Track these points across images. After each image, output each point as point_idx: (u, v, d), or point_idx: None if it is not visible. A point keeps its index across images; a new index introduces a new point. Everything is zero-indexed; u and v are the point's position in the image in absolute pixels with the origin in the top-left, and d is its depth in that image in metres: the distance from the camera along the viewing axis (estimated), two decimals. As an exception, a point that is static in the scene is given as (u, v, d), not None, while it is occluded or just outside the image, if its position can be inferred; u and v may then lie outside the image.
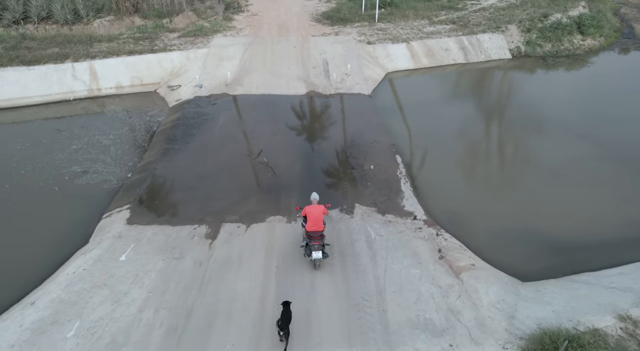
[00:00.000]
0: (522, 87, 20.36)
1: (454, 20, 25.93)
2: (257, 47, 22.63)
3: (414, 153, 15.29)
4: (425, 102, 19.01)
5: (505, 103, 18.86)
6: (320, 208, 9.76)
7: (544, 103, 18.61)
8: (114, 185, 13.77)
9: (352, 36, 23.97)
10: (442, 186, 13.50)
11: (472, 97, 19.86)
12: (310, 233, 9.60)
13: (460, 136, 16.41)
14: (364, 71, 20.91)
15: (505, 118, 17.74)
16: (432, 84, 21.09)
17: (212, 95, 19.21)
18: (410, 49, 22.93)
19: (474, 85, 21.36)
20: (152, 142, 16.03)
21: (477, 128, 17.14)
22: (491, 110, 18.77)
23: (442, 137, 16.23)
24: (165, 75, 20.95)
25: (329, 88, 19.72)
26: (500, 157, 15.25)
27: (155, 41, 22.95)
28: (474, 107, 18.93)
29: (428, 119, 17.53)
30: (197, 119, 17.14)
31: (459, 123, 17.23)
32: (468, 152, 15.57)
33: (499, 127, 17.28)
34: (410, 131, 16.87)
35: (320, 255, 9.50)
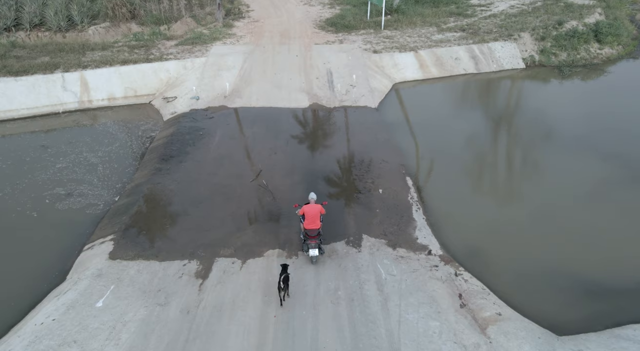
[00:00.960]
0: (539, 99, 19.00)
1: (464, 27, 24.62)
2: (258, 56, 21.37)
3: (425, 175, 13.96)
4: (436, 116, 17.68)
5: (523, 118, 17.48)
6: (317, 207, 10.02)
7: (565, 118, 17.26)
8: (99, 210, 12.50)
9: (357, 44, 22.69)
10: (458, 214, 12.16)
11: (486, 111, 18.54)
12: (307, 231, 9.95)
13: (477, 155, 15.08)
14: (370, 82, 19.61)
15: (525, 135, 16.36)
16: (442, 95, 19.76)
17: (210, 108, 17.94)
18: (419, 58, 21.63)
19: (488, 97, 20.04)
20: (144, 161, 14.76)
21: (494, 146, 15.81)
22: (508, 125, 17.42)
23: (456, 157, 14.90)
24: (160, 86, 19.71)
25: (333, 101, 18.44)
26: (524, 180, 13.85)
27: (151, 49, 21.72)
28: (489, 122, 17.61)
29: (440, 136, 16.19)
30: (192, 135, 15.86)
31: (474, 141, 15.90)
32: (486, 174, 14.25)
33: (520, 146, 15.91)
34: (421, 149, 15.54)
35: (317, 253, 9.90)
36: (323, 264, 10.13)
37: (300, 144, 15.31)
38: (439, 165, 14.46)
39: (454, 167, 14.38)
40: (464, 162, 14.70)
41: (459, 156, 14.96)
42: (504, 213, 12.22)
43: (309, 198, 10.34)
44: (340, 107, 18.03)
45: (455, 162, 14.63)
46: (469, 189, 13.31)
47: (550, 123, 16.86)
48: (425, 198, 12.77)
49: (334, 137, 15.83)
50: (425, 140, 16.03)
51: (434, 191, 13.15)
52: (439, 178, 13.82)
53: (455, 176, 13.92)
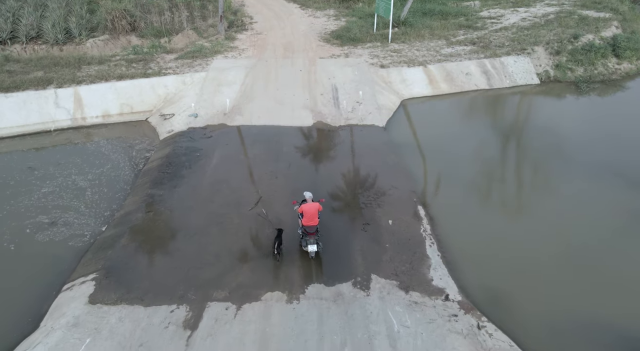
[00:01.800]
0: (557, 117, 17.76)
1: (474, 40, 23.53)
2: (260, 71, 20.34)
3: (439, 204, 12.75)
4: (448, 136, 16.51)
5: (543, 139, 16.17)
6: (315, 205, 10.26)
7: (588, 138, 16.04)
8: (84, 242, 11.39)
9: (364, 58, 21.63)
10: (477, 250, 10.94)
11: (501, 130, 17.35)
12: (306, 228, 10.14)
13: (494, 182, 13.89)
14: (378, 99, 18.51)
15: (547, 158, 15.10)
16: (453, 113, 18.61)
17: (208, 126, 16.88)
18: (428, 73, 20.52)
19: (502, 115, 18.87)
20: (136, 185, 13.67)
21: (513, 171, 14.62)
22: (527, 147, 16.19)
23: (472, 183, 13.70)
24: (158, 102, 18.69)
25: (338, 119, 17.33)
26: (554, 211, 12.54)
27: (150, 64, 20.75)
28: (506, 142, 16.44)
29: (453, 158, 15.00)
30: (188, 156, 14.78)
31: (490, 164, 14.73)
32: (506, 203, 13.03)
33: (542, 170, 14.69)
34: (433, 174, 14.36)
35: (315, 248, 10.10)
36: (328, 311, 8.95)
37: (303, 167, 14.19)
38: (453, 192, 13.27)
39: (471, 194, 13.18)
40: (481, 189, 13.52)
41: (475, 182, 13.77)
42: (531, 250, 10.93)
43: (306, 197, 10.56)
44: (346, 126, 16.91)
45: (471, 188, 13.44)
46: (489, 221, 12.08)
47: (573, 145, 15.61)
48: (440, 231, 11.57)
49: (339, 159, 14.70)
50: (437, 163, 14.86)
51: (450, 222, 11.93)
52: (455, 207, 12.61)
53: (472, 205, 12.72)
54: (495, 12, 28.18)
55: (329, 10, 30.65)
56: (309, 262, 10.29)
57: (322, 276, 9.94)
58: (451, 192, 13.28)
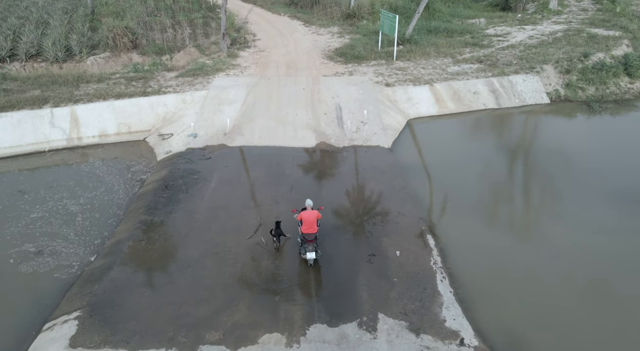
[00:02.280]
0: (571, 138, 17.01)
1: (481, 58, 22.96)
2: (262, 89, 19.77)
3: (450, 233, 11.93)
4: (457, 157, 15.76)
5: (557, 161, 15.39)
6: (314, 213, 10.24)
7: (605, 160, 15.26)
8: (70, 274, 10.63)
9: (369, 76, 21.06)
10: (495, 287, 10.10)
11: (513, 152, 16.60)
12: (305, 235, 10.09)
13: (509, 208, 13.09)
14: (383, 118, 17.85)
15: (564, 180, 14.33)
16: (461, 133, 17.90)
17: (207, 147, 16.23)
18: (434, 92, 19.90)
19: (513, 135, 18.14)
20: (130, 210, 12.95)
21: (530, 196, 13.80)
22: (543, 170, 15.37)
23: (485, 209, 12.93)
24: (157, 121, 18.10)
25: (342, 140, 16.65)
26: (573, 238, 11.75)
27: (150, 82, 20.24)
28: (519, 165, 15.71)
29: (463, 182, 14.24)
30: (186, 179, 14.09)
31: (504, 189, 13.97)
32: (523, 232, 12.20)
33: (559, 194, 13.89)
34: (442, 199, 13.58)
35: (314, 255, 10.10)
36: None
37: (305, 191, 13.42)
38: (464, 220, 12.47)
39: (483, 222, 12.38)
40: (493, 216, 12.73)
41: (487, 208, 12.99)
42: (552, 286, 10.08)
43: (306, 204, 10.49)
44: (350, 147, 16.22)
45: (483, 215, 12.65)
46: (504, 252, 11.22)
47: (590, 167, 14.86)
48: (451, 263, 10.73)
49: (343, 183, 13.96)
50: (446, 187, 14.09)
51: (462, 254, 11.10)
52: (466, 236, 11.79)
53: (485, 234, 11.90)
54: (502, 29, 27.69)
55: (333, 28, 30.29)
56: (309, 299, 9.48)
57: (324, 315, 9.11)
58: (462, 219, 12.48)
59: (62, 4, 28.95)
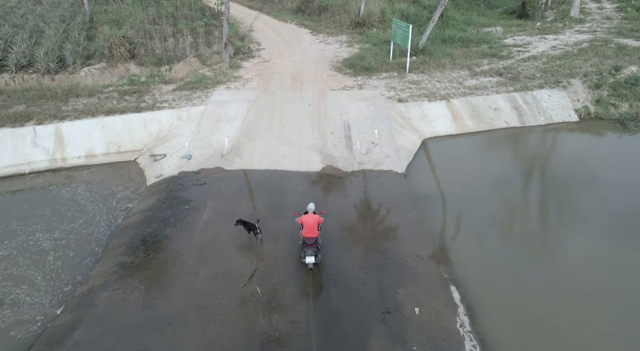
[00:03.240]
0: (607, 161, 15.10)
1: (500, 71, 21.11)
2: (265, 105, 18.10)
3: (478, 284, 10.07)
4: (480, 184, 13.94)
5: (595, 188, 13.54)
6: (315, 218, 9.97)
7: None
8: (31, 332, 8.96)
9: (380, 91, 19.30)
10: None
11: (546, 178, 14.70)
12: (305, 239, 9.88)
13: (548, 250, 11.19)
14: (396, 138, 16.07)
15: (609, 212, 12.45)
16: (483, 156, 16.03)
17: (202, 170, 14.58)
18: (452, 108, 18.08)
19: (542, 158, 16.18)
20: (109, 247, 11.29)
21: (571, 234, 11.89)
22: (581, 199, 13.49)
23: (519, 249, 11.05)
24: (149, 140, 16.48)
25: (351, 163, 14.90)
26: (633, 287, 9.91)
27: (145, 96, 18.66)
28: (555, 193, 13.77)
29: (489, 215, 12.40)
30: (175, 210, 12.43)
31: (540, 223, 12.08)
32: (567, 281, 10.29)
33: (605, 228, 12.00)
34: (467, 238, 11.73)
35: (313, 260, 9.84)
36: None
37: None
38: (494, 265, 10.62)
39: (519, 267, 10.50)
40: (531, 259, 10.82)
41: (521, 249, 11.11)
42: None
43: (308, 208, 10.19)
44: (360, 172, 14.47)
45: (518, 258, 10.78)
46: (550, 308, 9.36)
47: (632, 195, 12.95)
48: (483, 325, 8.91)
49: (351, 216, 12.20)
50: (469, 221, 12.26)
51: (495, 313, 9.26)
52: (500, 288, 9.93)
53: (521, 285, 10.01)
54: (521, 39, 25.80)
55: (342, 36, 28.61)
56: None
57: (329, 398, 7.35)
58: (491, 264, 10.63)
59: (61, 12, 27.54)
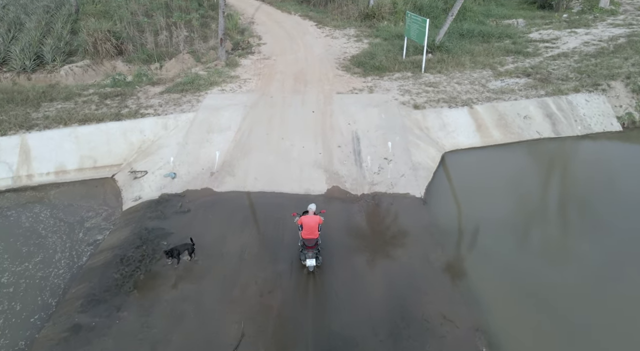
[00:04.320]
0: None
1: (528, 71, 18.50)
2: (262, 111, 15.70)
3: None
4: (514, 211, 11.55)
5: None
6: (315, 218, 9.19)
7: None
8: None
9: (392, 94, 16.82)
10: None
11: (593, 202, 12.21)
12: (305, 241, 9.20)
13: (614, 300, 8.84)
14: (412, 153, 13.67)
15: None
16: (514, 175, 13.53)
17: (188, 192, 12.33)
18: (475, 116, 15.59)
19: (584, 177, 13.60)
20: (65, 299, 9.09)
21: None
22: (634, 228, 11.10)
23: (572, 301, 8.70)
24: (130, 153, 14.20)
25: (361, 184, 12.57)
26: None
27: (128, 100, 16.32)
28: (608, 223, 11.34)
29: (531, 255, 10.02)
30: (151, 246, 10.22)
31: (591, 265, 9.69)
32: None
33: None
34: (506, 288, 9.37)
35: (314, 262, 9.18)
36: None
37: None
38: (545, 328, 8.30)
39: (580, 333, 8.17)
40: (589, 314, 8.47)
41: (588, 309, 8.75)
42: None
43: (308, 208, 9.46)
44: (371, 195, 12.14)
45: (572, 314, 8.43)
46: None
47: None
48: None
49: (360, 260, 9.88)
50: (507, 264, 9.88)
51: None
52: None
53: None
54: (548, 33, 23.03)
55: (349, 29, 25.97)
56: None
57: None
58: (549, 336, 8.28)
59: (46, 2, 25.14)
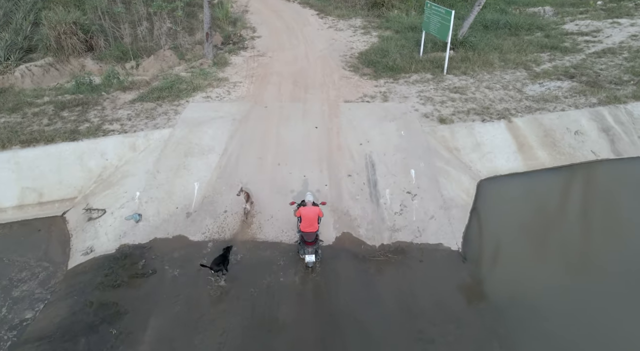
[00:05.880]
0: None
1: (570, 72, 15.22)
2: (254, 127, 12.49)
3: None
4: (593, 269, 8.52)
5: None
6: (314, 210, 8.41)
7: None
8: None
9: (411, 103, 13.58)
10: None
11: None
12: (304, 234, 8.36)
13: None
14: (442, 184, 10.56)
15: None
16: (577, 212, 10.41)
17: (155, 242, 9.30)
18: (515, 132, 12.41)
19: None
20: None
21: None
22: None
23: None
24: (87, 183, 11.05)
25: (379, 230, 9.50)
26: None
27: (90, 111, 13.07)
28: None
29: None
30: (93, 336, 7.20)
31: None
32: None
33: None
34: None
35: (313, 259, 8.36)
36: None
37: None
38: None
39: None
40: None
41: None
42: None
43: (306, 200, 8.53)
44: (393, 248, 9.10)
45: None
46: None
47: None
48: None
49: (387, 343, 6.92)
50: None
51: None
52: None
53: None
54: (586, 24, 19.56)
55: (355, 20, 22.44)
56: None
57: None
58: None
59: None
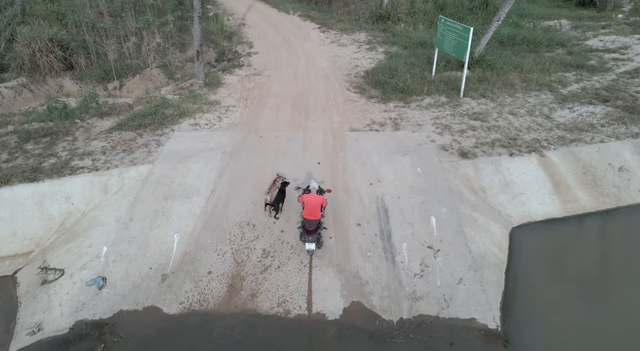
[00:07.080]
0: None
1: (602, 95, 13.42)
2: (248, 162, 10.63)
3: None
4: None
5: None
6: (318, 199, 8.03)
7: None
8: None
9: (427, 133, 11.75)
10: None
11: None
12: (305, 222, 8.07)
13: None
14: (468, 236, 8.70)
15: None
16: (634, 266, 8.57)
17: (121, 315, 7.42)
18: (549, 168, 10.55)
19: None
20: None
21: None
22: None
23: None
24: (46, 233, 9.17)
25: (396, 298, 7.64)
26: None
27: (58, 143, 11.22)
28: None
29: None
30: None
31: None
32: None
33: None
34: None
35: (313, 247, 8.08)
36: None
37: None
38: None
39: None
40: None
41: None
42: None
43: (310, 187, 8.21)
44: (415, 322, 7.21)
45: None
46: None
47: None
48: None
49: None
50: None
51: None
52: None
53: None
54: (611, 40, 17.75)
55: (359, 34, 20.68)
56: None
57: None
58: None
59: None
